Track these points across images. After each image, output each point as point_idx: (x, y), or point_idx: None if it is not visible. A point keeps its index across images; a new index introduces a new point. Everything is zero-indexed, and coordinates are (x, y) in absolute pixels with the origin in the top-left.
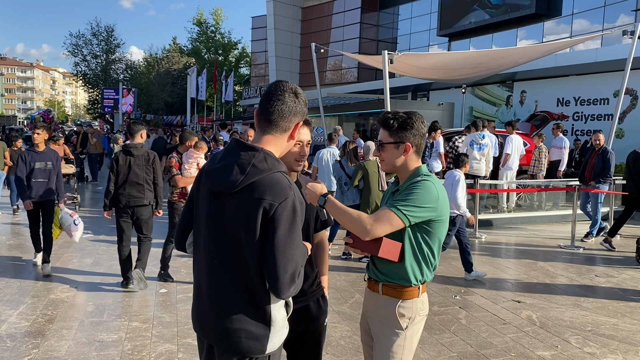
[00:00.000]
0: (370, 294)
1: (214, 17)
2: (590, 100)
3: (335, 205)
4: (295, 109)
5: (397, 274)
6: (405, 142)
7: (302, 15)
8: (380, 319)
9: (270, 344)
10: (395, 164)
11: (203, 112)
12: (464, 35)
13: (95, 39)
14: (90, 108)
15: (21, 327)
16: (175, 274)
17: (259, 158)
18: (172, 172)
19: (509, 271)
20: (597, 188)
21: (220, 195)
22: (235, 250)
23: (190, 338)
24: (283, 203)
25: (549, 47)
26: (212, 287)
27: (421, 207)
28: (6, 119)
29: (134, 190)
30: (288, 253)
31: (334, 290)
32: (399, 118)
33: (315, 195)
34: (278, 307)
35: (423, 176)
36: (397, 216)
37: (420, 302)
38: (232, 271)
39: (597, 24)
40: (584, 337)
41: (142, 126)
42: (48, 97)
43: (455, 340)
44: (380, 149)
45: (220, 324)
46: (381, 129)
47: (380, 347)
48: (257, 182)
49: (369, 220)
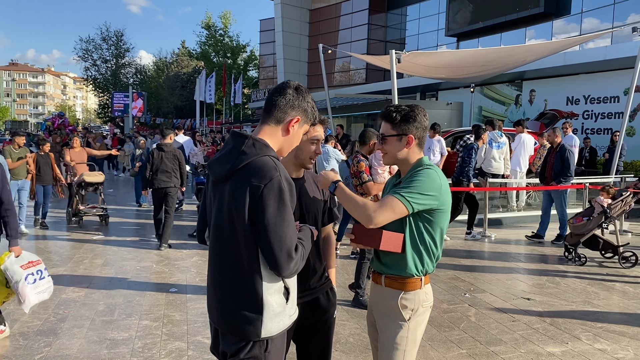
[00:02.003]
0: (375, 287)
1: (223, 21)
2: (600, 98)
3: (344, 191)
4: (292, 102)
5: (399, 266)
6: (407, 135)
7: (309, 18)
8: (384, 311)
9: (265, 328)
10: (398, 156)
11: (212, 115)
12: (473, 35)
13: (105, 44)
14: (100, 112)
15: (33, 326)
16: (185, 273)
17: (247, 144)
18: (362, 179)
19: (518, 269)
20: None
21: (218, 183)
22: (230, 234)
23: (200, 336)
24: (269, 184)
25: (558, 44)
26: (213, 271)
27: (424, 195)
28: (18, 123)
29: (163, 176)
30: (280, 231)
31: (342, 289)
32: (401, 111)
33: (327, 182)
34: (272, 292)
35: (425, 166)
36: (400, 202)
37: (423, 294)
38: (228, 256)
39: (607, 22)
40: (594, 334)
41: (171, 130)
42: (59, 102)
43: (464, 338)
44: (383, 141)
45: (219, 307)
46: (383, 122)
47: (384, 339)
48: (244, 167)
49: (373, 207)
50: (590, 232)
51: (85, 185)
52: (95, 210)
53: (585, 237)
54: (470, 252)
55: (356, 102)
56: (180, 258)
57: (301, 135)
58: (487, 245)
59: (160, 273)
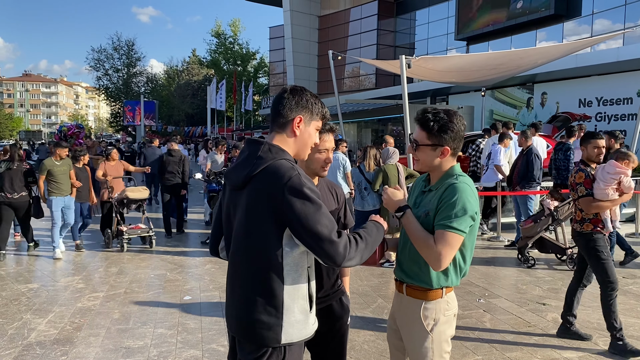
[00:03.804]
0: (397, 295)
1: (232, 29)
2: (613, 100)
3: (411, 221)
4: (289, 103)
5: (420, 278)
6: (444, 146)
7: (319, 24)
8: (406, 321)
9: (285, 334)
10: (430, 164)
11: (223, 123)
12: (483, 39)
13: (116, 53)
14: (112, 121)
15: (50, 335)
16: (198, 281)
17: (264, 149)
18: (579, 192)
19: (532, 273)
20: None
21: (236, 191)
22: (247, 241)
23: (215, 344)
24: (288, 182)
25: (569, 46)
26: (231, 279)
27: (470, 216)
28: (32, 134)
29: (171, 176)
30: (316, 217)
31: (356, 295)
32: (439, 120)
33: (394, 204)
34: (294, 297)
35: (457, 177)
36: (457, 235)
37: (445, 303)
38: (246, 263)
39: (618, 23)
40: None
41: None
42: (72, 112)
43: (480, 344)
44: (417, 148)
45: (236, 314)
46: (418, 128)
47: (411, 349)
48: (262, 172)
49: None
50: (538, 234)
51: (128, 202)
52: (140, 231)
53: (532, 239)
54: (484, 257)
55: (366, 107)
56: (194, 266)
57: (314, 133)
58: (501, 250)
59: (174, 281)
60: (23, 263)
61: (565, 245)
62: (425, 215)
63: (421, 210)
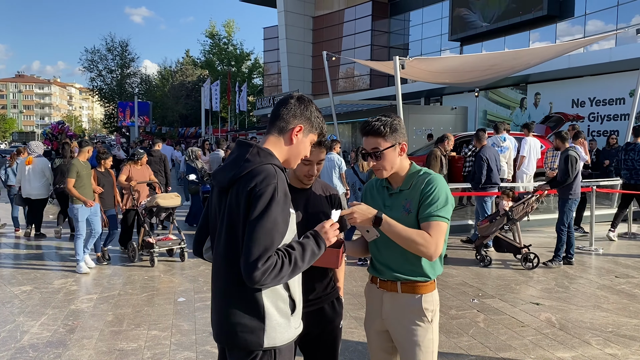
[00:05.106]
0: (388, 295)
1: (226, 29)
2: (605, 100)
3: (392, 225)
4: (294, 110)
5: (417, 273)
6: (401, 143)
7: (313, 25)
8: (405, 318)
9: (268, 337)
10: (395, 165)
11: (217, 123)
12: (476, 40)
13: (110, 54)
14: (106, 122)
15: (43, 337)
16: (192, 282)
17: (252, 152)
18: None
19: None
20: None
21: (223, 192)
22: (231, 243)
23: (209, 345)
24: (263, 188)
25: (562, 47)
26: (214, 283)
27: (451, 204)
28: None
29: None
30: (260, 234)
31: (350, 296)
32: (386, 123)
33: (367, 218)
34: (274, 300)
35: (424, 171)
36: (444, 223)
37: (437, 295)
38: (228, 266)
39: (611, 24)
40: (604, 339)
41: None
42: (65, 113)
43: (473, 344)
44: (380, 157)
45: (220, 320)
46: (370, 138)
47: (410, 345)
48: (247, 174)
49: (428, 239)
50: (493, 233)
51: (158, 210)
52: (172, 242)
53: (488, 238)
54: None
55: (361, 108)
56: (187, 267)
57: (308, 145)
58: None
59: (168, 283)
60: (17, 265)
61: (521, 244)
62: (408, 214)
63: (399, 211)
